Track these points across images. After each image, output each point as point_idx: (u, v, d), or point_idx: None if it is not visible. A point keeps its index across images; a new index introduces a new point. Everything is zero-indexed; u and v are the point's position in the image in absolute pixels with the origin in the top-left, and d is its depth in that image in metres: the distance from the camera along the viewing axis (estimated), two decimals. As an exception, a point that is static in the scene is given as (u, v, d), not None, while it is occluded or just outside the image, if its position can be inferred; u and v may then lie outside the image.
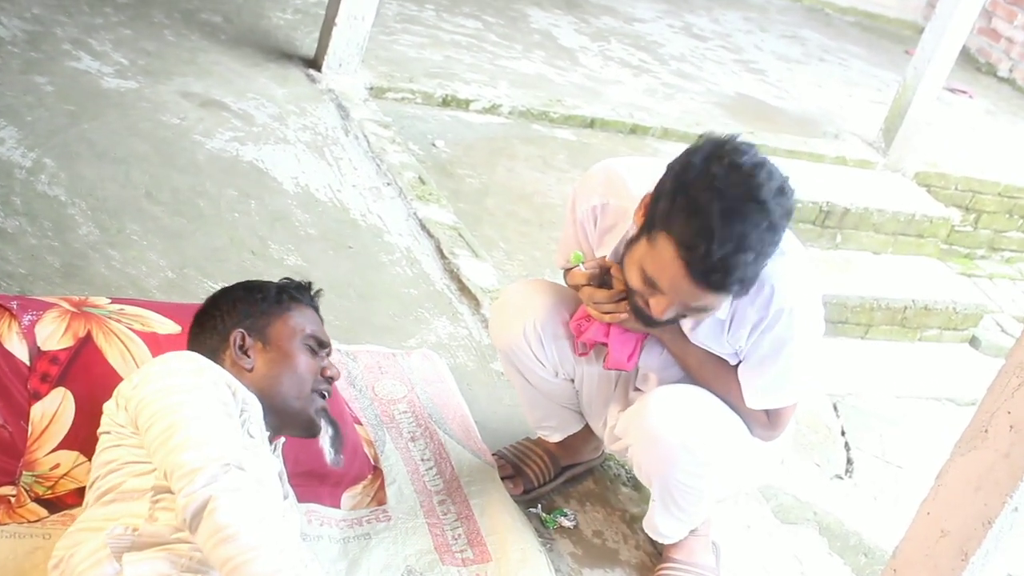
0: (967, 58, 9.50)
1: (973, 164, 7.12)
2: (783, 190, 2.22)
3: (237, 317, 2.32)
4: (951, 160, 7.07)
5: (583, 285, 2.48)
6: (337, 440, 2.46)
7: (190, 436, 1.95)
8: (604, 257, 2.50)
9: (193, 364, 2.13)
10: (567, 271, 2.68)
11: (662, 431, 2.46)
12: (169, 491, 1.95)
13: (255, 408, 2.17)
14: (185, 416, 1.98)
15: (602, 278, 2.47)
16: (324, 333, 2.40)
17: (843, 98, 7.72)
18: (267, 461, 2.18)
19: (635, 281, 2.33)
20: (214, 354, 2.25)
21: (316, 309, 2.44)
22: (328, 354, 2.41)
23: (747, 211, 2.16)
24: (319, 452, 2.46)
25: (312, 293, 2.46)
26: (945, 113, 7.73)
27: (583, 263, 2.49)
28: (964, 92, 8.67)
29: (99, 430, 2.15)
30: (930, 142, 6.94)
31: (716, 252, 2.15)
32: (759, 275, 2.26)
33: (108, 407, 2.15)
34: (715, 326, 2.46)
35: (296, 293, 2.40)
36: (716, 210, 2.15)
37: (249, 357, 2.27)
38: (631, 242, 2.34)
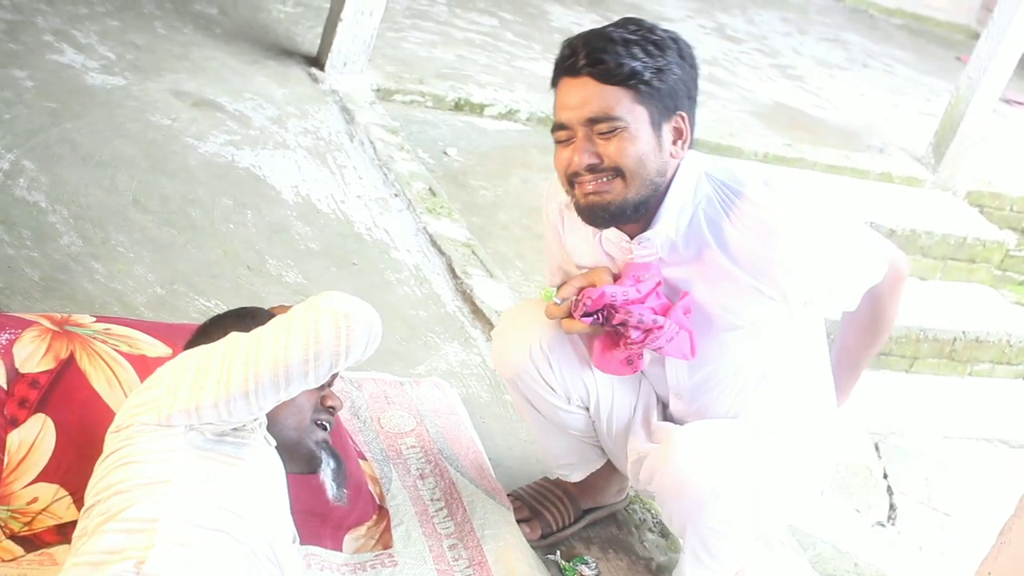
0: (1024, 66, 9.50)
1: (1030, 183, 7.12)
2: (677, 36, 2.41)
3: None
4: (1006, 178, 7.07)
5: (564, 318, 2.49)
6: (339, 474, 2.46)
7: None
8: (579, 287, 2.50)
9: None
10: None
11: (690, 476, 2.45)
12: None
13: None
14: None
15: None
16: None
17: (889, 108, 7.74)
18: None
19: (560, 160, 2.41)
20: None
21: None
22: (330, 383, 2.41)
23: (618, 22, 2.38)
24: (320, 488, 2.45)
25: None
26: (1000, 127, 7.72)
27: (555, 297, 2.49)
28: (1021, 104, 8.67)
29: (103, 456, 2.15)
30: (984, 158, 6.94)
31: (574, 41, 2.36)
32: (633, 63, 2.30)
33: (124, 418, 2.16)
34: (733, 288, 2.45)
35: None
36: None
37: None
38: None
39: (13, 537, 2.32)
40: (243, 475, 2.14)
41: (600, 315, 2.43)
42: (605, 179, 2.35)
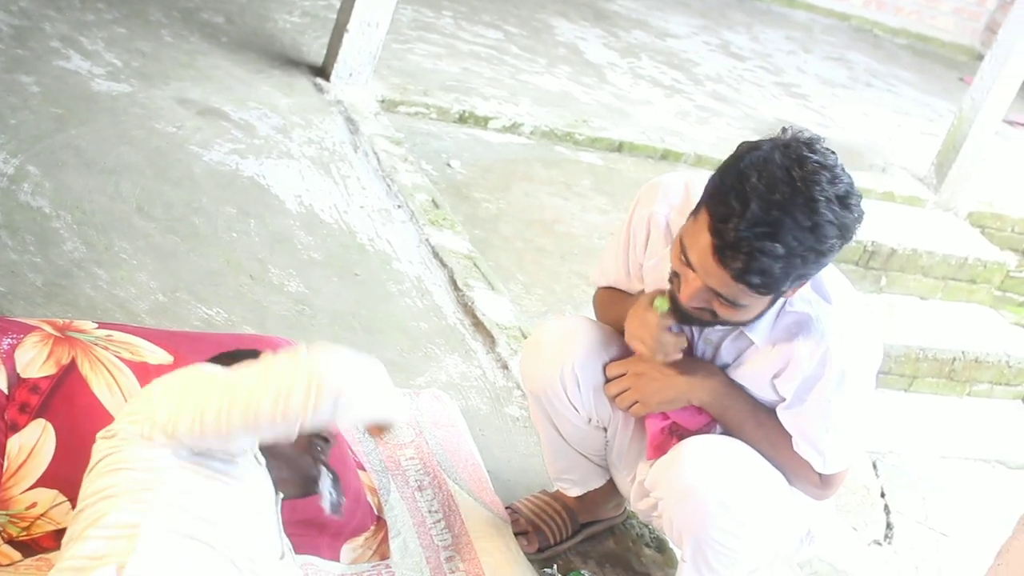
0: (1027, 88, 9.51)
1: (1032, 205, 7.12)
2: (844, 201, 2.19)
3: None
4: (1008, 199, 7.08)
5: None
6: (337, 485, 2.46)
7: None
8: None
9: None
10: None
11: (697, 485, 2.44)
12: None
13: None
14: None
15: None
16: None
17: (892, 128, 7.74)
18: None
19: (673, 258, 2.34)
20: None
21: None
22: None
23: (792, 203, 2.15)
24: (318, 499, 2.46)
25: None
26: (1002, 148, 7.73)
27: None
28: (1023, 125, 8.67)
29: (92, 462, 2.15)
30: (986, 179, 6.94)
31: (743, 232, 2.15)
32: (785, 282, 2.23)
33: (115, 425, 2.16)
34: (763, 369, 2.48)
35: None
36: (760, 192, 2.16)
37: None
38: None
39: (11, 542, 2.32)
40: (228, 489, 2.13)
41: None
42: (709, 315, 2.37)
